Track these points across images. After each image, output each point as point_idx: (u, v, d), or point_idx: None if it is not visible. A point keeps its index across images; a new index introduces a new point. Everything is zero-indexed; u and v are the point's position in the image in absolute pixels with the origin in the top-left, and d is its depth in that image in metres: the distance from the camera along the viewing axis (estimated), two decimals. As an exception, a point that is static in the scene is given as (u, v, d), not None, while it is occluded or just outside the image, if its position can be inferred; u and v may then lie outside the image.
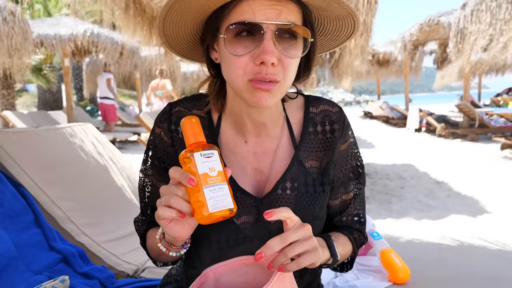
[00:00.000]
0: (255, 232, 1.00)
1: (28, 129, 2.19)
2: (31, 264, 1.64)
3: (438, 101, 37.75)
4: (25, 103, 21.77)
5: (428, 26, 11.56)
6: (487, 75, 18.87)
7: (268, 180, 1.03)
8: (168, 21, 0.93)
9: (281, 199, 1.01)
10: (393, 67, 17.53)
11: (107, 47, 9.90)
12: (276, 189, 1.01)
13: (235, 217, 0.99)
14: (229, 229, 0.99)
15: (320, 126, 1.07)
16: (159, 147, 1.06)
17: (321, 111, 1.09)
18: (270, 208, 0.98)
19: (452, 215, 4.48)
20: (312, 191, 1.03)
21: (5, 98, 13.71)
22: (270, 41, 0.86)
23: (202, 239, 0.99)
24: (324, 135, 1.07)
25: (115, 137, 10.12)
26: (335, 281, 1.71)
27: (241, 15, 0.86)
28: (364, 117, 22.14)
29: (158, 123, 1.07)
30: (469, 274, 1.73)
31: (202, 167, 0.81)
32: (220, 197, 0.80)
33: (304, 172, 1.04)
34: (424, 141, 11.41)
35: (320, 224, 1.06)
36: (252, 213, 1.00)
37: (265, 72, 0.87)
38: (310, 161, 1.05)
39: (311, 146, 1.06)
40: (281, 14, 0.86)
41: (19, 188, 1.90)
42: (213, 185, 0.80)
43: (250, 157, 1.04)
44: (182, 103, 1.07)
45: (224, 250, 1.00)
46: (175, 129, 1.04)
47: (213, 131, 1.05)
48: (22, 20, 7.22)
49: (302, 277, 1.10)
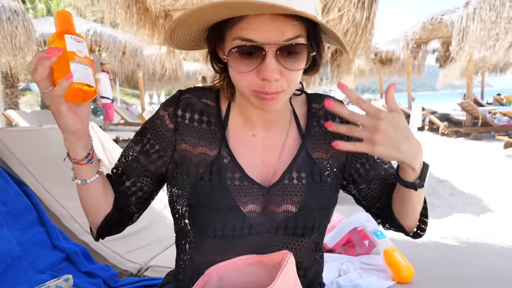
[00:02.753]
0: (261, 221, 1.00)
1: (31, 128, 2.19)
2: (34, 263, 1.64)
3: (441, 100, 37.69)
4: (28, 102, 21.79)
5: (431, 25, 11.55)
6: (490, 74, 18.82)
7: (275, 171, 1.04)
8: (174, 34, 0.95)
9: (288, 189, 1.01)
10: (396, 65, 17.48)
11: (109, 46, 9.92)
12: (283, 179, 1.02)
13: (242, 205, 0.99)
14: (235, 216, 0.99)
15: (323, 120, 1.09)
16: (159, 128, 1.05)
17: (323, 106, 1.10)
18: (277, 197, 1.01)
19: (455, 214, 4.48)
20: (318, 180, 1.04)
21: (9, 97, 13.71)
22: (271, 60, 0.86)
23: (207, 226, 0.98)
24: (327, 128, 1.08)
25: (118, 136, 10.13)
26: (338, 280, 1.70)
27: (243, 32, 0.86)
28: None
29: (164, 106, 1.06)
30: (473, 273, 1.73)
31: (71, 46, 0.89)
32: (84, 74, 0.88)
33: (311, 163, 1.05)
34: (427, 139, 11.39)
35: (327, 214, 1.06)
36: (259, 202, 1.01)
37: (269, 87, 0.88)
38: (317, 153, 1.07)
39: (316, 138, 1.08)
40: (282, 33, 0.86)
41: (23, 187, 1.90)
42: (80, 63, 0.88)
43: (258, 150, 1.05)
44: (192, 91, 1.08)
45: (229, 240, 0.99)
46: (182, 115, 1.04)
47: (221, 121, 1.05)
48: (26, 19, 7.23)
49: (305, 277, 1.10)
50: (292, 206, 1.00)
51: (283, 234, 1.01)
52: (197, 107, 1.05)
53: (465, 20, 8.20)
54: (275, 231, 1.01)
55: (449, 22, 10.62)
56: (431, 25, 11.54)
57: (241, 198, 0.99)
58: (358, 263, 1.87)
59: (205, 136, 1.03)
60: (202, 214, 0.99)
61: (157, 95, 28.69)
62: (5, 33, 6.92)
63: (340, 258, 1.91)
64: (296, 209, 1.00)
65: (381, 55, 16.86)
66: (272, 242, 1.01)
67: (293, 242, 1.02)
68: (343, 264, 1.84)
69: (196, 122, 1.04)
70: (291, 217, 1.00)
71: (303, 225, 1.00)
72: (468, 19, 8.10)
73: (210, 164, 1.01)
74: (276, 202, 1.01)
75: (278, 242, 1.01)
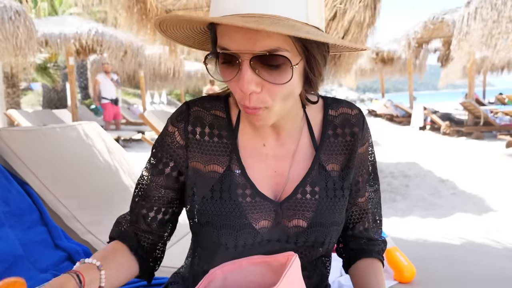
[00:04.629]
0: (272, 235, 0.98)
1: (33, 127, 2.20)
2: (36, 262, 1.65)
3: (443, 99, 37.63)
4: (30, 102, 21.80)
5: (432, 24, 11.54)
6: (492, 73, 18.80)
7: (287, 183, 0.99)
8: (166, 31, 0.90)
9: (300, 204, 0.98)
10: (397, 65, 17.49)
11: (111, 46, 9.93)
12: (296, 193, 0.98)
13: (254, 222, 0.95)
14: (247, 235, 0.96)
15: (340, 129, 1.04)
16: (170, 146, 1.01)
17: (340, 113, 1.05)
18: (289, 212, 0.97)
19: (457, 213, 4.47)
20: (332, 195, 1.00)
21: (10, 96, 13.74)
22: (247, 70, 0.80)
23: (219, 243, 0.96)
24: (343, 138, 1.03)
25: (120, 135, 10.15)
26: (340, 279, 1.70)
27: (221, 39, 0.83)
28: (368, 115, 22.10)
29: (173, 122, 1.01)
30: (475, 272, 1.73)
31: None
32: None
33: (325, 176, 1.00)
34: (429, 139, 11.38)
35: (338, 229, 1.03)
36: (271, 218, 0.97)
37: (248, 101, 0.84)
38: (331, 165, 1.02)
39: (331, 149, 1.02)
40: (254, 43, 0.79)
41: (25, 186, 1.90)
42: None
43: (269, 160, 1.00)
44: (200, 103, 1.02)
45: (240, 253, 0.96)
46: (192, 130, 0.99)
47: (232, 132, 1.01)
48: (27, 19, 7.25)
49: (310, 279, 1.07)
50: (304, 222, 0.97)
51: (294, 243, 0.98)
52: (206, 120, 1.00)
53: (466, 19, 8.19)
54: (285, 241, 0.98)
55: (451, 21, 10.61)
56: (432, 24, 11.53)
57: (253, 215, 0.96)
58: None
59: (216, 151, 0.99)
60: (213, 232, 0.96)
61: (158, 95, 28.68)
62: (7, 33, 6.93)
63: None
64: (307, 224, 0.97)
65: (382, 55, 16.86)
66: (282, 251, 0.99)
67: (302, 251, 1.00)
68: (344, 263, 1.84)
69: (207, 136, 1.00)
70: (301, 232, 0.97)
71: (313, 239, 0.97)
72: (469, 18, 8.08)
73: (221, 181, 0.97)
74: (288, 217, 0.97)
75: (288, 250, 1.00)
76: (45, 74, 15.52)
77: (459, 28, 8.46)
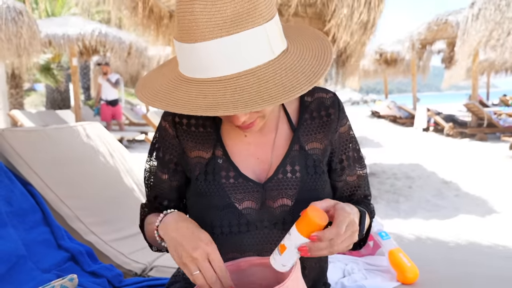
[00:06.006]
0: (259, 217, 1.02)
1: (36, 128, 2.20)
2: (39, 262, 1.65)
3: (446, 101, 37.52)
4: (33, 102, 21.86)
5: (436, 25, 11.52)
6: (496, 74, 18.76)
7: (270, 168, 1.05)
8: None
9: (282, 183, 1.03)
10: (401, 66, 17.46)
11: (114, 47, 9.94)
12: (277, 174, 1.04)
13: (237, 202, 1.02)
14: (231, 214, 1.01)
15: (316, 113, 1.09)
16: (165, 139, 1.11)
17: (316, 98, 1.10)
18: (273, 192, 1.03)
19: (460, 215, 4.46)
20: (312, 172, 1.05)
21: (14, 97, 13.77)
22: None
23: (204, 224, 1.00)
24: (320, 119, 1.09)
25: (123, 136, 10.15)
26: (343, 281, 1.70)
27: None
28: (371, 116, 22.06)
29: (163, 116, 1.12)
30: (478, 274, 1.72)
31: None
32: None
33: (305, 155, 1.06)
34: (432, 140, 11.35)
35: None
36: (255, 199, 1.03)
37: (239, 123, 0.92)
38: (311, 143, 1.07)
39: (309, 130, 1.08)
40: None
41: (28, 186, 1.91)
42: None
43: (252, 148, 1.07)
44: None
45: (227, 237, 1.02)
46: (179, 121, 1.09)
47: (216, 123, 1.08)
48: (31, 20, 7.26)
49: (308, 275, 1.09)
50: (288, 200, 1.02)
51: (281, 230, 1.02)
52: None
53: (470, 21, 8.17)
54: (273, 226, 1.02)
55: (455, 22, 10.57)
56: (436, 26, 11.51)
57: (236, 196, 1.02)
58: (363, 264, 1.87)
59: (201, 139, 1.08)
60: (200, 213, 1.03)
61: (161, 96, 28.69)
62: (10, 34, 6.94)
63: (344, 259, 1.91)
64: (292, 202, 1.02)
65: (386, 56, 16.83)
66: (271, 239, 1.02)
67: None
68: (347, 264, 1.84)
69: (193, 127, 1.09)
70: (287, 211, 1.02)
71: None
72: (473, 20, 8.06)
73: (205, 165, 1.05)
74: (272, 197, 1.02)
75: (278, 238, 1.00)
76: (49, 74, 15.54)
77: (463, 29, 8.45)
